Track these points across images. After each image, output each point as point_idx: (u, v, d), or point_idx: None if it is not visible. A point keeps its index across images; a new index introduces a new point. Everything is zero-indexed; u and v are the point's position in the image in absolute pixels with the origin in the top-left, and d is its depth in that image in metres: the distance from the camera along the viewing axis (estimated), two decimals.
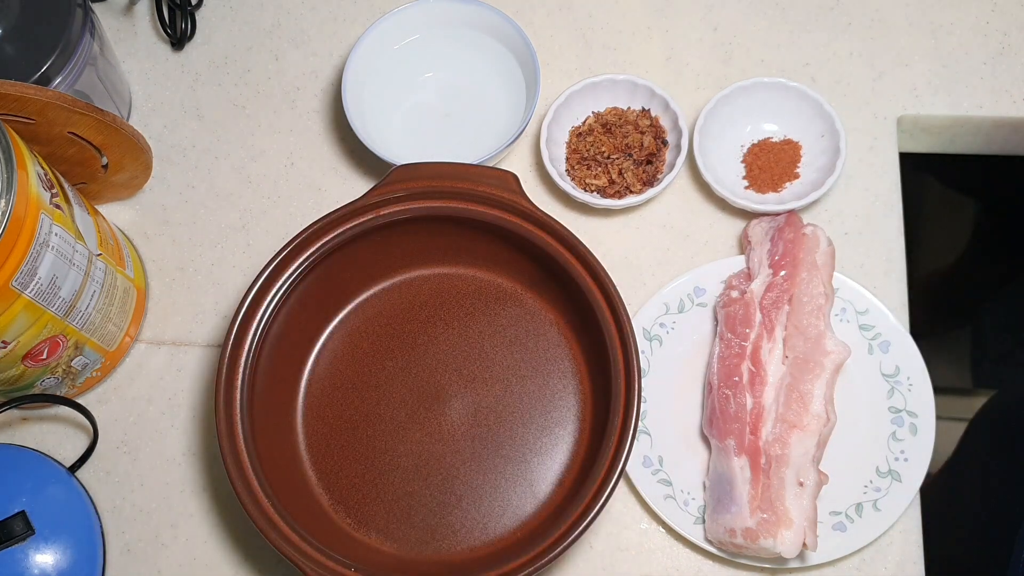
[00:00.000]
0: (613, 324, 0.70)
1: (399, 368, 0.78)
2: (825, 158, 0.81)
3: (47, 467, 0.78)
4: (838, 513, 0.74)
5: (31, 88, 0.69)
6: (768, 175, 0.83)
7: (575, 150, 0.84)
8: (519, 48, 0.84)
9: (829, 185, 0.79)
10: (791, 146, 0.83)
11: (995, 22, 0.88)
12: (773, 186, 0.82)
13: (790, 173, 0.83)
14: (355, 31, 0.92)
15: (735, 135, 0.84)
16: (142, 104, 0.92)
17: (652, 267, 0.83)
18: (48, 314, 0.70)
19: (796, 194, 0.81)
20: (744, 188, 0.83)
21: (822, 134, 0.82)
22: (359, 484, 0.75)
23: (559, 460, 0.75)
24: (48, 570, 0.74)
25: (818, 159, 0.82)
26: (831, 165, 0.80)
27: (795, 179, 0.82)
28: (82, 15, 0.78)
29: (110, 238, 0.79)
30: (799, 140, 0.83)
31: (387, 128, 0.86)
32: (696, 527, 0.74)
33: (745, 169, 0.84)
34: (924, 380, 0.76)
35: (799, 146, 0.83)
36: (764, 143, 0.84)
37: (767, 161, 0.83)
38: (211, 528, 0.79)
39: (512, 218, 0.73)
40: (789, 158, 0.83)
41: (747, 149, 0.84)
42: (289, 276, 0.73)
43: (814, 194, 0.79)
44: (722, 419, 0.74)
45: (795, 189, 0.82)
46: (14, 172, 0.64)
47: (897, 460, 0.75)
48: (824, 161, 0.81)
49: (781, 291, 0.75)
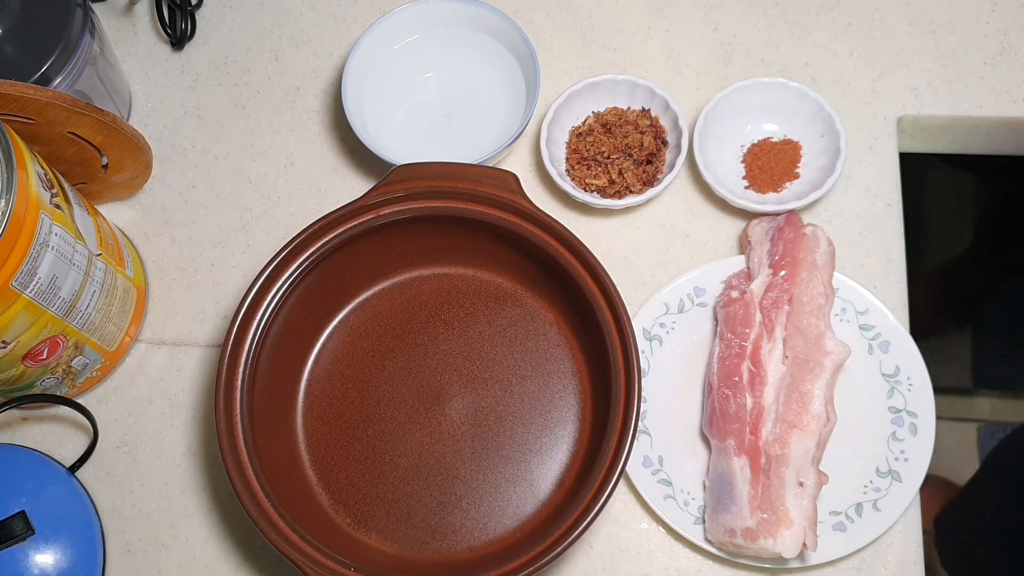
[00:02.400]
0: (613, 324, 0.70)
1: (399, 368, 0.78)
2: (825, 158, 0.81)
3: (47, 467, 0.78)
4: (838, 513, 0.74)
5: (31, 88, 0.69)
6: (768, 175, 0.83)
7: (575, 150, 0.84)
8: (519, 48, 0.84)
9: (829, 185, 0.79)
10: (791, 146, 0.83)
11: (995, 22, 0.88)
12: (773, 186, 0.82)
13: (790, 173, 0.83)
14: (355, 31, 0.92)
15: (735, 135, 0.84)
16: (142, 104, 0.92)
17: (652, 267, 0.83)
18: (48, 314, 0.70)
19: (796, 194, 0.81)
20: (744, 188, 0.83)
21: (822, 134, 0.82)
22: (359, 484, 0.75)
23: (559, 460, 0.75)
24: (48, 570, 0.74)
25: (818, 159, 0.82)
26: (831, 165, 0.80)
27: (795, 179, 0.82)
28: (82, 15, 0.78)
29: (110, 238, 0.79)
30: (799, 140, 0.83)
31: (387, 128, 0.86)
32: (696, 527, 0.74)
33: (745, 169, 0.84)
34: (924, 380, 0.76)
35: (799, 146, 0.83)
36: (764, 143, 0.84)
37: (767, 161, 0.83)
38: (211, 528, 0.79)
39: (512, 218, 0.73)
40: (789, 158, 0.83)
41: (747, 149, 0.84)
42: (289, 276, 0.73)
43: (814, 194, 0.79)
44: (722, 419, 0.74)
45: (795, 189, 0.82)
46: (14, 172, 0.64)
47: (897, 460, 0.75)
48: (824, 161, 0.81)
49: (781, 291, 0.75)
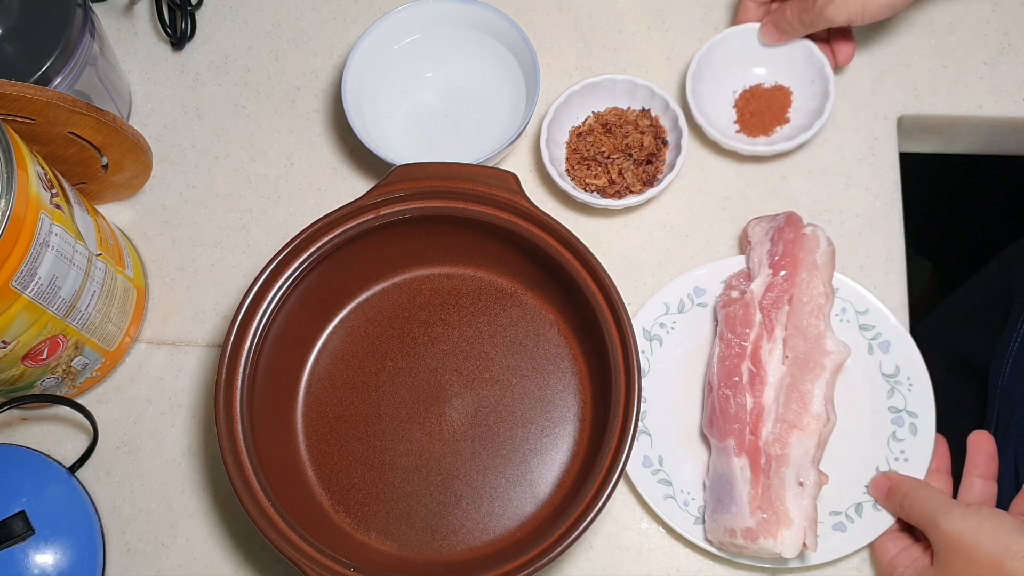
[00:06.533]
0: (613, 324, 0.70)
1: (399, 368, 0.78)
2: (815, 103, 0.83)
3: (47, 467, 0.78)
4: (838, 513, 0.74)
5: (31, 88, 0.69)
6: (759, 119, 0.84)
7: (575, 150, 0.84)
8: (519, 48, 0.84)
9: (817, 127, 0.81)
10: (782, 91, 0.85)
11: (995, 22, 0.88)
12: (764, 130, 0.84)
13: (780, 117, 0.84)
14: (355, 31, 0.92)
15: (727, 81, 0.86)
16: (142, 104, 0.92)
17: (652, 267, 0.83)
18: (48, 314, 0.70)
19: (785, 136, 0.83)
20: (735, 132, 0.85)
21: (812, 79, 0.84)
22: (359, 484, 0.75)
23: (559, 460, 0.75)
24: (48, 570, 0.74)
25: (808, 104, 0.84)
26: (820, 109, 0.82)
27: (785, 123, 0.84)
28: (82, 15, 0.78)
29: (110, 238, 0.79)
30: (789, 86, 0.85)
31: (387, 128, 0.86)
32: (696, 527, 0.74)
33: (737, 114, 0.85)
34: (924, 380, 0.76)
35: (789, 91, 0.85)
36: (756, 89, 0.86)
37: (758, 106, 0.85)
38: (211, 528, 0.79)
39: (512, 218, 0.73)
40: (780, 103, 0.85)
41: (739, 95, 0.86)
42: (289, 276, 0.73)
43: (802, 136, 0.81)
44: (722, 419, 0.74)
45: (784, 132, 0.84)
46: (14, 172, 0.64)
47: (897, 460, 0.75)
48: (814, 106, 0.83)
49: (781, 291, 0.75)
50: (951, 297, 1.03)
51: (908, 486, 0.71)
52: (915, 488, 0.71)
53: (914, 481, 0.72)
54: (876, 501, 0.73)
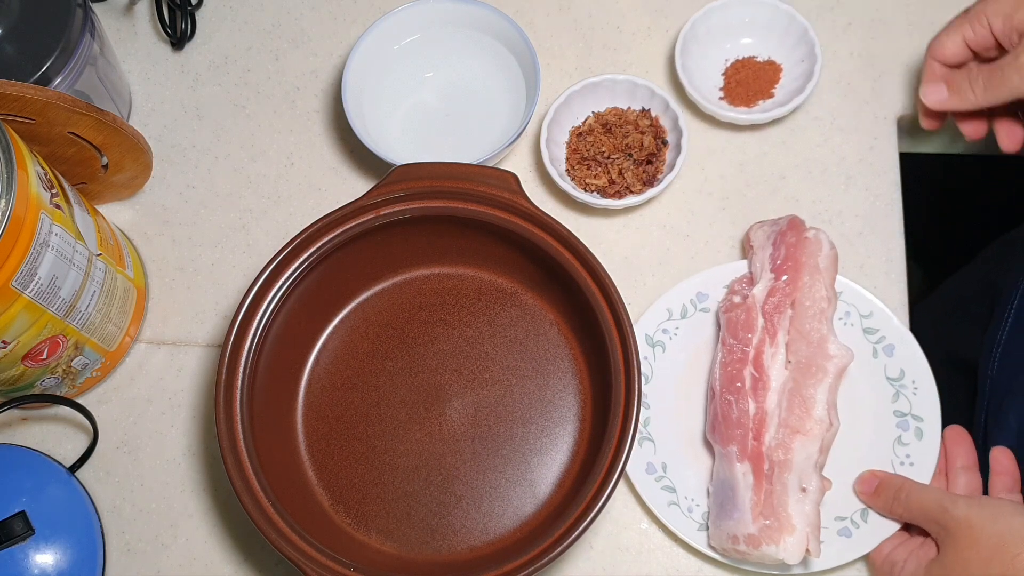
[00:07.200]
0: (613, 324, 0.70)
1: (399, 368, 0.78)
2: (799, 82, 0.84)
3: (47, 467, 0.78)
4: (843, 518, 0.73)
5: (31, 88, 0.69)
6: (744, 90, 0.85)
7: (575, 150, 0.84)
8: (519, 48, 0.84)
9: (796, 103, 0.82)
10: (772, 67, 0.86)
11: None
12: (747, 101, 0.85)
13: (766, 92, 0.85)
14: (355, 31, 0.92)
15: (719, 50, 0.87)
16: (142, 104, 0.92)
17: (652, 267, 0.83)
18: (48, 314, 0.70)
19: (764, 109, 0.84)
20: (718, 99, 0.85)
21: (803, 59, 0.84)
22: (359, 484, 0.75)
23: (559, 460, 0.75)
24: (48, 570, 0.74)
25: (794, 83, 0.85)
26: (803, 88, 0.82)
27: (769, 98, 0.85)
28: (82, 15, 0.78)
29: (110, 238, 0.79)
30: (781, 63, 0.86)
31: (387, 128, 0.86)
32: (700, 534, 0.74)
33: (724, 81, 0.86)
34: (929, 383, 0.75)
35: (780, 68, 0.86)
36: (747, 61, 0.87)
37: (746, 76, 0.86)
38: (211, 528, 0.79)
39: (512, 218, 0.73)
40: (768, 78, 0.85)
41: (730, 64, 0.87)
42: (289, 276, 0.73)
43: (779, 110, 0.82)
44: (725, 425, 0.74)
45: (764, 106, 0.85)
46: (14, 172, 0.64)
47: (903, 464, 0.74)
48: (799, 84, 0.84)
49: (783, 295, 0.75)
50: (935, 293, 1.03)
51: (901, 481, 0.71)
52: (909, 482, 0.71)
53: (904, 477, 0.72)
54: (860, 498, 0.73)
